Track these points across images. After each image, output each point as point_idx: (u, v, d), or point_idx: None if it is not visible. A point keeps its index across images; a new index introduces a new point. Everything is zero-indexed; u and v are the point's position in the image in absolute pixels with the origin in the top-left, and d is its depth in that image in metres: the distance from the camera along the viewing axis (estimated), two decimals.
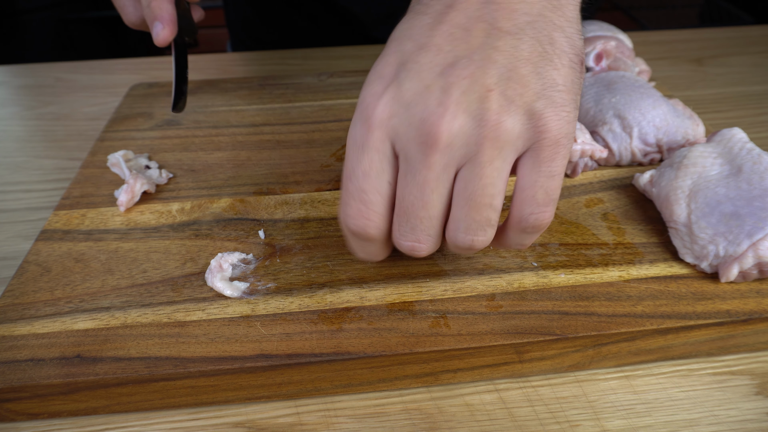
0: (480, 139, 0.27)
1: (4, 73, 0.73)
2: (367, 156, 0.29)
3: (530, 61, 0.27)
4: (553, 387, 0.34)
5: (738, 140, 0.42)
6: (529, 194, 0.29)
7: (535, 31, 0.28)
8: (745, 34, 0.82)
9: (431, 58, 0.28)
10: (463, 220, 0.29)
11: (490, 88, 0.27)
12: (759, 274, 0.36)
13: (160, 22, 0.44)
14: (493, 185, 0.28)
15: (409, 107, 0.27)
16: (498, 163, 0.28)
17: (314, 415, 0.33)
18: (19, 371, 0.31)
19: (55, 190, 0.51)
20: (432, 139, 0.27)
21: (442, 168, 0.28)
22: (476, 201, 0.28)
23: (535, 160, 0.28)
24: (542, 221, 0.30)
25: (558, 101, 0.28)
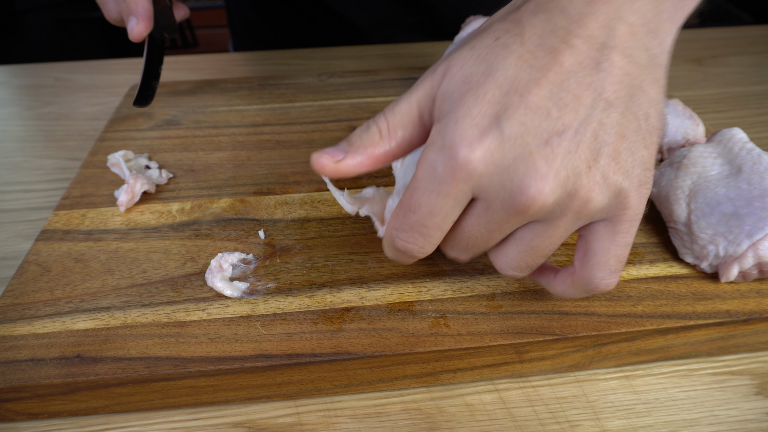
0: (565, 209, 0.27)
1: (4, 73, 0.73)
2: (441, 199, 0.28)
3: (627, 138, 0.27)
4: (553, 387, 0.34)
5: (738, 140, 0.42)
6: (603, 260, 0.29)
7: (634, 105, 0.27)
8: (745, 34, 0.82)
9: (539, 122, 0.26)
10: (516, 260, 0.30)
11: (590, 164, 0.26)
12: (759, 274, 0.36)
13: (135, 17, 0.44)
14: (557, 244, 0.29)
15: (508, 170, 0.26)
16: (571, 227, 0.28)
17: (314, 415, 0.33)
18: (19, 371, 0.31)
19: (55, 190, 0.51)
20: (523, 207, 0.27)
21: (519, 223, 0.28)
22: (537, 252, 0.29)
23: (612, 231, 0.28)
24: (610, 287, 0.30)
25: (643, 180, 0.28)
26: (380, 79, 0.64)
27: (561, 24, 0.27)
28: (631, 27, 0.27)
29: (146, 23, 0.44)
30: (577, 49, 0.27)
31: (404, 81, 0.63)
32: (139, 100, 0.48)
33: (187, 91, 0.61)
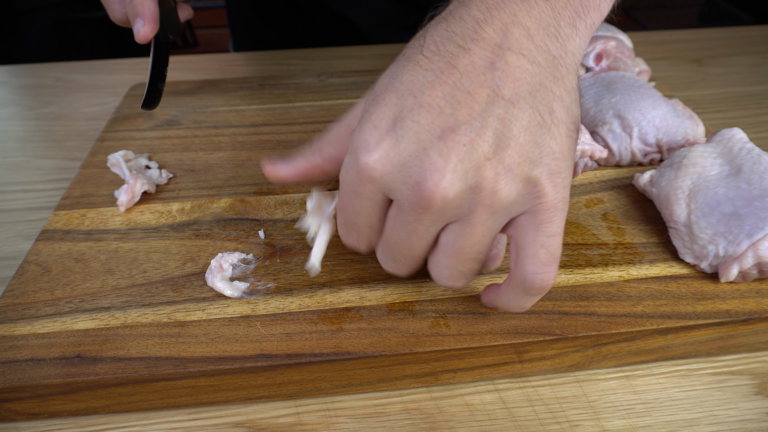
0: (474, 204, 0.28)
1: (4, 73, 0.73)
2: (359, 202, 0.30)
3: (529, 130, 0.28)
4: (553, 387, 0.34)
5: (738, 140, 0.42)
6: (531, 252, 0.29)
7: (536, 101, 0.28)
8: (745, 34, 0.82)
9: (431, 119, 0.27)
10: (447, 268, 0.31)
11: (489, 156, 0.27)
12: (759, 274, 0.36)
13: (142, 18, 0.43)
14: (481, 243, 0.29)
15: (405, 167, 0.27)
16: (489, 224, 0.29)
17: (314, 415, 0.33)
18: (19, 371, 0.31)
19: (55, 190, 0.51)
20: (426, 202, 0.27)
21: (431, 223, 0.29)
22: (463, 255, 0.30)
23: (533, 222, 0.29)
24: (546, 281, 0.29)
25: (554, 168, 0.28)
26: None
27: (458, 31, 0.28)
28: (528, 30, 0.28)
29: (153, 25, 0.44)
30: (472, 52, 0.28)
31: None
32: (146, 102, 0.47)
33: (187, 91, 0.61)
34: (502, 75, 0.27)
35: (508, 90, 0.27)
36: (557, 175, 0.28)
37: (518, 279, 0.30)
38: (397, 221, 0.30)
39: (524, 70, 0.28)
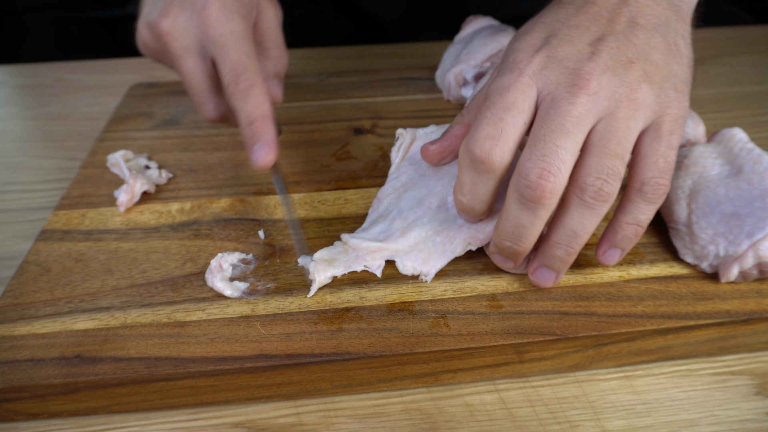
0: (621, 97, 0.31)
1: (4, 73, 0.73)
2: (512, 94, 0.32)
3: (661, 52, 0.32)
4: (553, 387, 0.34)
5: (738, 140, 0.42)
6: (651, 161, 0.32)
7: (664, 33, 0.33)
8: (745, 34, 0.81)
9: (580, 33, 0.32)
10: (595, 167, 0.31)
11: (633, 60, 0.32)
12: (759, 274, 0.36)
13: (264, 146, 0.38)
14: (625, 139, 0.31)
15: (562, 61, 0.32)
16: (632, 122, 0.31)
17: (314, 415, 0.33)
18: (19, 371, 0.31)
19: (55, 190, 0.51)
20: (583, 82, 0.31)
21: (586, 111, 0.31)
22: (610, 149, 0.31)
23: (657, 133, 0.32)
24: (661, 187, 0.32)
25: (680, 89, 0.33)
26: (380, 79, 0.64)
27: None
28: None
29: (275, 152, 0.39)
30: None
31: (404, 81, 0.63)
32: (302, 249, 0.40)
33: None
34: (634, 9, 0.33)
35: (640, 19, 0.33)
36: (681, 95, 0.33)
37: (638, 183, 0.32)
38: (550, 110, 0.31)
39: (651, 8, 0.33)
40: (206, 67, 0.40)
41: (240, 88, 0.38)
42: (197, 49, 0.39)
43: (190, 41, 0.39)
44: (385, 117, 0.56)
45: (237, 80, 0.38)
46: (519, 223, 0.32)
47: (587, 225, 0.32)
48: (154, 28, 0.39)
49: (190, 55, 0.39)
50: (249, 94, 0.38)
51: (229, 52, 0.38)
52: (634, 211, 0.33)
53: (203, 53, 0.39)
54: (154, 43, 0.40)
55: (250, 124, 0.38)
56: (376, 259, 0.37)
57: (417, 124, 0.54)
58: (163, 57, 0.41)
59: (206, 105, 0.41)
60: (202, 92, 0.40)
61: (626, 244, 0.35)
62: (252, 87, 0.38)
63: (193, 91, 0.41)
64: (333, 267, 0.36)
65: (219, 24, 0.38)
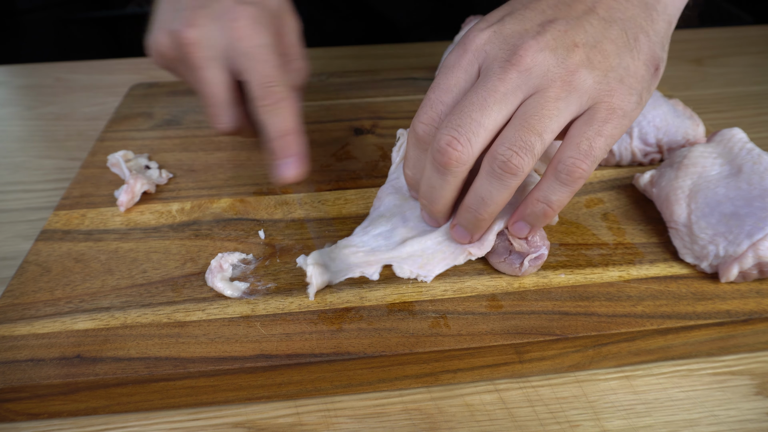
0: (555, 77, 0.31)
1: (4, 73, 0.73)
2: (455, 74, 0.33)
3: (615, 43, 0.32)
4: (553, 387, 0.34)
5: (738, 140, 0.42)
6: (575, 141, 0.31)
7: (625, 26, 0.33)
8: (745, 34, 0.81)
9: (535, 14, 0.33)
10: (510, 138, 0.31)
11: (578, 44, 0.31)
12: (759, 274, 0.36)
13: (294, 159, 0.38)
14: (549, 119, 0.31)
15: (507, 38, 0.32)
16: (561, 104, 0.31)
17: (314, 415, 0.33)
18: (19, 371, 0.31)
19: (55, 190, 0.51)
20: (516, 58, 0.31)
21: (514, 87, 0.31)
22: (530, 123, 0.31)
23: (589, 118, 0.32)
24: (576, 168, 0.31)
25: (627, 82, 0.32)
26: (380, 79, 0.64)
27: None
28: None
29: (306, 164, 0.39)
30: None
31: (404, 81, 0.63)
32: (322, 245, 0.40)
33: (187, 91, 0.61)
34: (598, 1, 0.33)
35: (602, 11, 0.33)
36: (628, 88, 0.32)
37: (553, 164, 0.32)
38: (479, 83, 0.32)
39: (619, 2, 0.33)
40: (227, 79, 0.39)
41: (270, 101, 0.38)
42: (221, 60, 0.38)
43: (215, 52, 0.38)
44: (385, 117, 0.56)
45: (266, 94, 0.38)
46: (431, 184, 0.34)
47: (495, 195, 0.33)
48: (178, 36, 0.38)
49: (213, 66, 0.38)
50: (280, 107, 0.38)
51: (259, 66, 0.38)
52: (546, 189, 0.33)
53: (226, 65, 0.39)
54: (173, 52, 0.39)
55: (281, 137, 0.38)
56: (372, 266, 0.37)
57: None
58: (180, 66, 0.40)
59: (224, 117, 0.40)
60: (220, 104, 0.40)
61: (534, 221, 0.35)
62: (282, 101, 0.38)
63: (212, 102, 0.40)
64: (329, 273, 0.36)
65: (249, 37, 0.38)
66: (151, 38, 0.40)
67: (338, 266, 0.36)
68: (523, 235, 0.35)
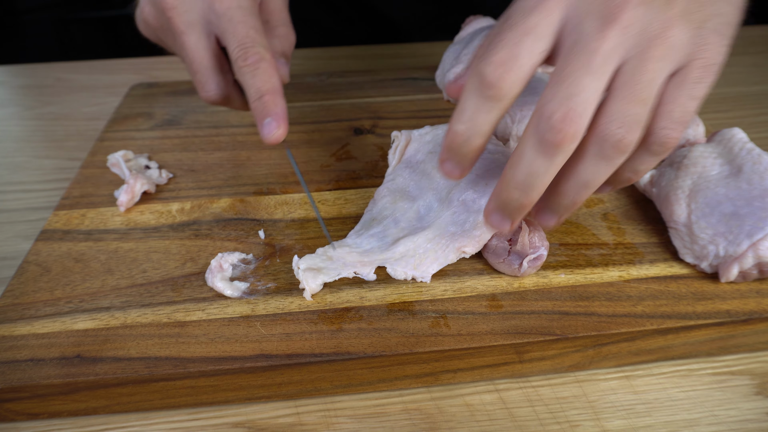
0: (653, 34, 0.28)
1: (4, 73, 0.73)
2: (535, 17, 0.28)
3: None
4: (553, 387, 0.34)
5: (738, 140, 0.42)
6: (668, 109, 0.29)
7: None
8: (745, 34, 0.81)
9: None
10: (618, 112, 0.28)
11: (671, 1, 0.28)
12: (759, 274, 0.36)
13: (275, 119, 0.37)
14: (651, 83, 0.28)
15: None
16: (660, 64, 0.28)
17: (314, 415, 0.33)
18: (19, 371, 0.31)
19: (55, 190, 0.51)
20: (614, 13, 0.27)
21: (615, 45, 0.28)
22: (635, 93, 0.28)
23: (684, 79, 0.29)
24: (670, 138, 0.30)
25: (721, 31, 0.30)
26: (380, 79, 0.64)
27: None
28: None
29: (286, 126, 0.38)
30: None
31: (404, 81, 0.63)
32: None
33: (187, 91, 0.61)
34: None
35: None
36: (722, 38, 0.30)
37: (649, 131, 0.30)
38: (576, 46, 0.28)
39: None
40: (210, 44, 0.39)
41: (249, 62, 0.37)
42: (202, 25, 0.38)
43: (195, 16, 0.38)
44: (385, 117, 0.56)
45: (246, 54, 0.37)
46: (533, 170, 0.29)
47: (601, 175, 0.30)
48: (159, 3, 0.38)
49: (194, 31, 0.38)
50: (258, 67, 0.37)
51: (237, 26, 0.37)
52: (635, 160, 0.31)
53: (208, 29, 0.39)
54: (156, 20, 0.39)
55: (260, 97, 0.37)
56: (366, 267, 0.37)
57: (417, 124, 0.54)
58: (165, 34, 0.40)
59: (208, 84, 0.40)
60: (204, 69, 0.39)
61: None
62: (261, 60, 0.37)
63: (195, 68, 0.39)
64: (323, 274, 0.36)
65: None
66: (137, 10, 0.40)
67: (333, 265, 0.36)
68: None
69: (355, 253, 0.37)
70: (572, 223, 0.42)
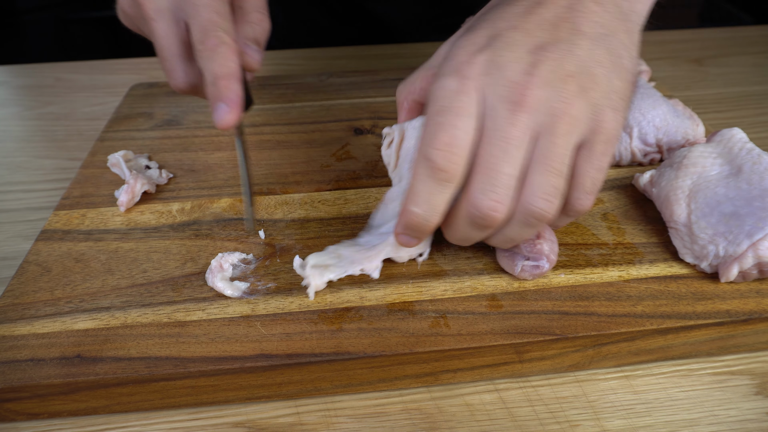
0: (558, 112, 0.31)
1: (4, 73, 0.73)
2: (461, 99, 0.31)
3: (603, 65, 0.32)
4: (553, 387, 0.34)
5: (738, 140, 0.42)
6: (580, 182, 0.32)
7: (608, 43, 0.32)
8: (745, 34, 0.82)
9: (522, 37, 0.31)
10: (539, 185, 0.31)
11: (571, 74, 0.31)
12: (759, 274, 0.36)
13: (227, 104, 0.36)
14: (564, 155, 0.31)
15: (502, 69, 0.31)
16: (569, 138, 0.31)
17: (314, 415, 0.33)
18: (19, 371, 0.31)
19: (55, 190, 0.51)
20: (520, 98, 0.30)
21: (525, 128, 0.31)
22: (552, 166, 0.31)
23: (590, 153, 0.32)
24: (584, 206, 0.33)
25: (617, 106, 0.32)
26: (380, 79, 0.64)
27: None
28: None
29: (239, 111, 0.37)
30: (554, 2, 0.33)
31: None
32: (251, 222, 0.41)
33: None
34: (581, 15, 0.32)
35: (586, 28, 0.32)
36: (618, 113, 0.32)
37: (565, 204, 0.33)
38: (494, 132, 0.31)
39: (599, 16, 0.32)
40: (179, 31, 0.39)
41: (207, 45, 0.36)
42: (171, 11, 0.38)
43: (164, 3, 0.38)
44: (385, 117, 0.56)
45: (205, 38, 0.37)
46: (468, 237, 0.34)
47: (525, 236, 0.34)
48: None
49: (163, 17, 0.38)
50: (216, 51, 0.36)
51: (200, 10, 0.37)
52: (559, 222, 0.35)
53: (177, 16, 0.38)
54: (131, 8, 0.40)
55: (215, 82, 0.36)
56: (373, 261, 0.37)
57: None
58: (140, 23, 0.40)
59: (175, 71, 0.39)
60: (172, 56, 0.39)
61: None
62: (220, 45, 0.36)
63: (163, 55, 0.39)
64: (329, 271, 0.36)
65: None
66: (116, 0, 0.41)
67: (342, 263, 0.37)
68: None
69: (364, 250, 0.37)
70: (572, 223, 0.42)
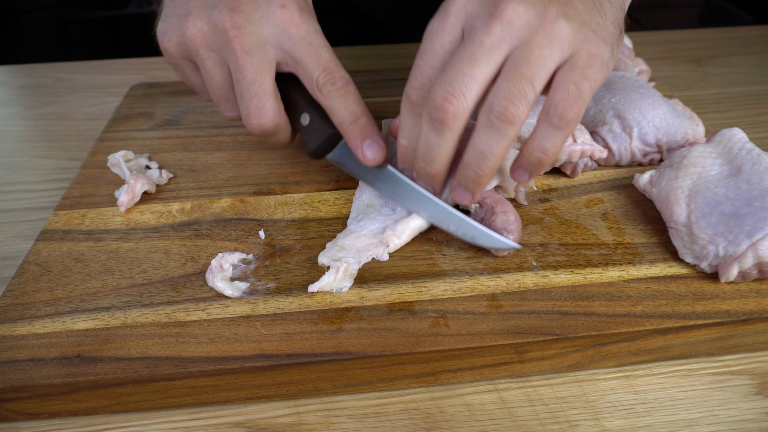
0: (537, 27, 0.32)
1: (4, 73, 0.73)
2: (440, 38, 0.34)
3: (584, 2, 0.33)
4: (553, 387, 0.34)
5: (738, 140, 0.42)
6: (562, 86, 0.33)
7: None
8: (745, 34, 0.82)
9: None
10: (503, 88, 0.32)
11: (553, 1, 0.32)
12: (759, 274, 0.36)
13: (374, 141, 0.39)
14: (538, 65, 0.32)
15: None
16: (546, 51, 0.32)
17: (314, 415, 0.33)
18: (19, 371, 0.31)
19: (55, 190, 0.51)
20: (498, 12, 0.32)
21: (499, 39, 0.32)
22: (521, 72, 0.32)
23: (572, 65, 0.33)
24: (568, 112, 0.33)
25: (600, 35, 0.33)
26: (380, 79, 0.64)
27: None
28: None
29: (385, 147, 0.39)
30: None
31: (404, 81, 0.63)
32: None
33: (187, 91, 0.61)
34: None
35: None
36: (600, 38, 0.33)
37: (545, 109, 0.33)
38: (465, 40, 0.33)
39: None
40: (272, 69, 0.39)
41: (338, 86, 0.38)
42: (268, 49, 0.38)
43: (261, 39, 0.37)
44: (385, 117, 0.56)
45: (333, 78, 0.38)
46: (429, 143, 0.35)
47: (494, 147, 0.34)
48: (220, 22, 0.37)
49: (259, 53, 0.37)
50: (348, 91, 0.38)
51: (320, 51, 0.38)
52: (541, 136, 0.34)
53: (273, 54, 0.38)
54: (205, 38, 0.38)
55: (356, 121, 0.38)
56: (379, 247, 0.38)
57: None
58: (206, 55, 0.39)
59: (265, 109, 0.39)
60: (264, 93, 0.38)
61: (533, 168, 0.36)
62: (348, 84, 0.38)
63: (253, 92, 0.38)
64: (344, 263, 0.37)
65: (302, 23, 0.38)
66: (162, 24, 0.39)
67: (350, 254, 0.37)
68: (524, 179, 0.37)
69: (364, 236, 0.38)
70: (572, 223, 0.42)
